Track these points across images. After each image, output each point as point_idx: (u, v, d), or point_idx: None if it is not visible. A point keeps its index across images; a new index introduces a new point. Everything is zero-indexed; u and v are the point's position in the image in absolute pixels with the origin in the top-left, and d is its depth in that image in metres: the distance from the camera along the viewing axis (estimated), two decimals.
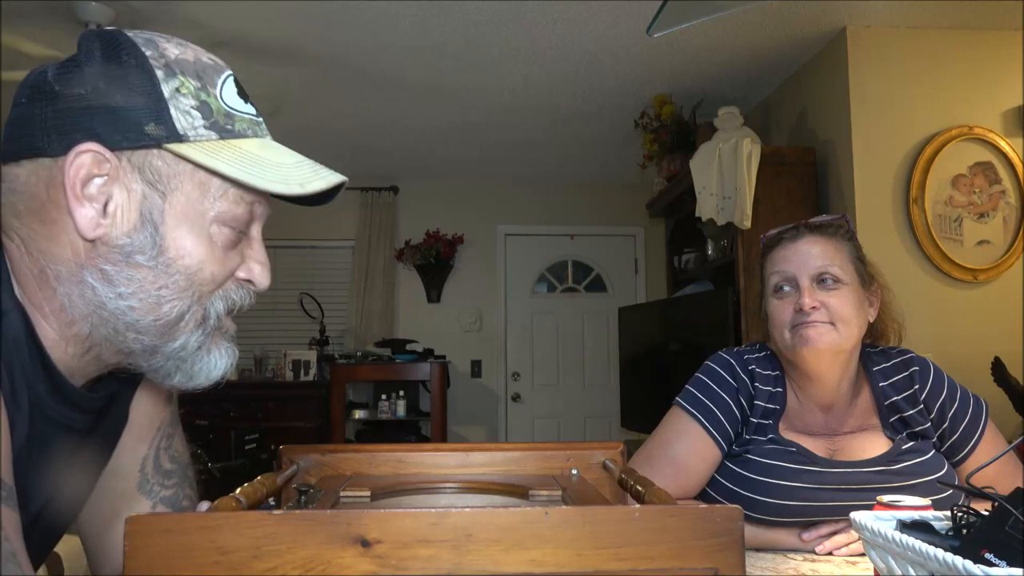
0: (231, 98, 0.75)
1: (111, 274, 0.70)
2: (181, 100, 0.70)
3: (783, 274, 1.28)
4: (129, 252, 0.70)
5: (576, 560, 0.53)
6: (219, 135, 0.72)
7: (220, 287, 0.75)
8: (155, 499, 0.90)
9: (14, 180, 0.71)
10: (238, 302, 0.77)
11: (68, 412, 0.75)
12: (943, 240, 2.93)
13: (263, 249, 0.79)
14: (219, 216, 0.73)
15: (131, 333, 0.72)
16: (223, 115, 0.73)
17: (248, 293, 0.78)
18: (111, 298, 0.70)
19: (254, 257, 0.78)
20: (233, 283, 0.77)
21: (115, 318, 0.71)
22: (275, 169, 0.72)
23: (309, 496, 0.77)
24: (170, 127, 0.70)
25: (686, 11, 1.62)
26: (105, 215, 0.69)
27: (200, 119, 0.71)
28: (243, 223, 0.75)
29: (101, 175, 0.69)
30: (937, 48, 3.01)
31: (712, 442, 1.28)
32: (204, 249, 0.72)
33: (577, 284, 5.45)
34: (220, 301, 0.75)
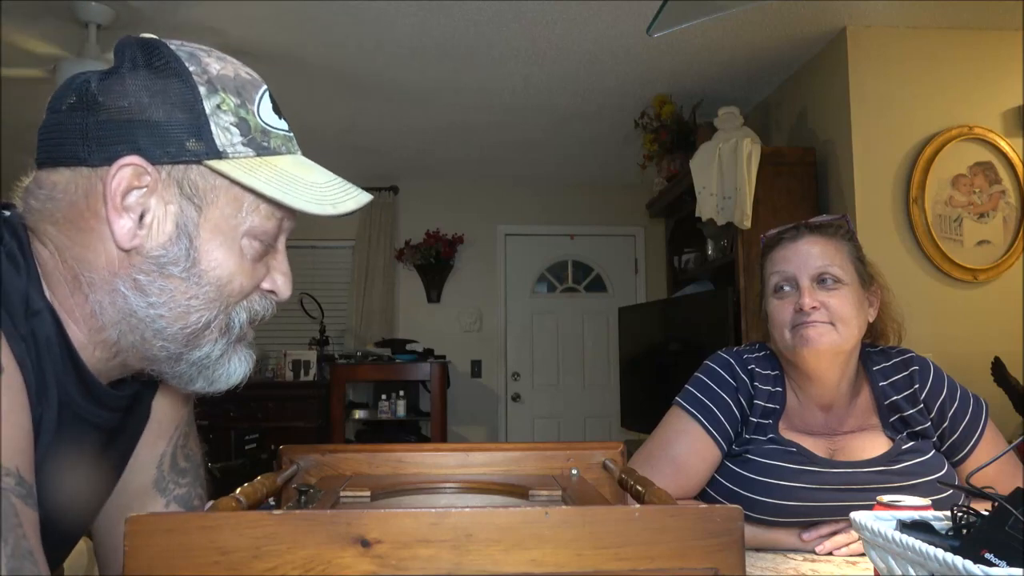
0: (267, 114, 0.76)
1: (144, 284, 0.72)
2: (222, 117, 0.72)
3: (783, 274, 1.28)
4: (164, 263, 0.72)
5: (576, 560, 0.53)
6: (256, 152, 0.74)
7: (246, 298, 0.77)
8: (169, 497, 0.91)
9: (52, 187, 0.72)
10: (260, 312, 0.79)
11: (97, 410, 0.76)
12: (943, 240, 2.93)
13: (287, 260, 0.81)
14: (251, 230, 0.75)
15: (158, 341, 0.73)
16: (260, 132, 0.75)
17: (270, 303, 0.80)
18: (142, 307, 0.72)
19: (278, 268, 0.80)
20: (257, 293, 0.78)
21: (144, 326, 0.73)
22: (309, 188, 0.75)
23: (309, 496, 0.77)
24: (210, 143, 0.71)
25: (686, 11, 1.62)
26: (141, 226, 0.71)
27: (238, 136, 0.73)
28: (272, 237, 0.77)
29: (140, 187, 0.70)
30: (937, 48, 3.01)
31: (712, 442, 1.28)
32: (235, 261, 0.75)
33: (577, 284, 5.45)
34: (244, 312, 0.77)
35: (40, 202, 0.72)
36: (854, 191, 2.94)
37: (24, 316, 0.69)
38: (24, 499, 0.62)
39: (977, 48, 3.02)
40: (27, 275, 0.70)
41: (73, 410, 0.73)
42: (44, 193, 0.72)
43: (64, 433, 0.72)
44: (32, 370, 0.67)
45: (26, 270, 0.70)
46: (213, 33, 2.94)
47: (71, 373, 0.72)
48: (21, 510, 0.61)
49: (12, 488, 0.61)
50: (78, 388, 0.73)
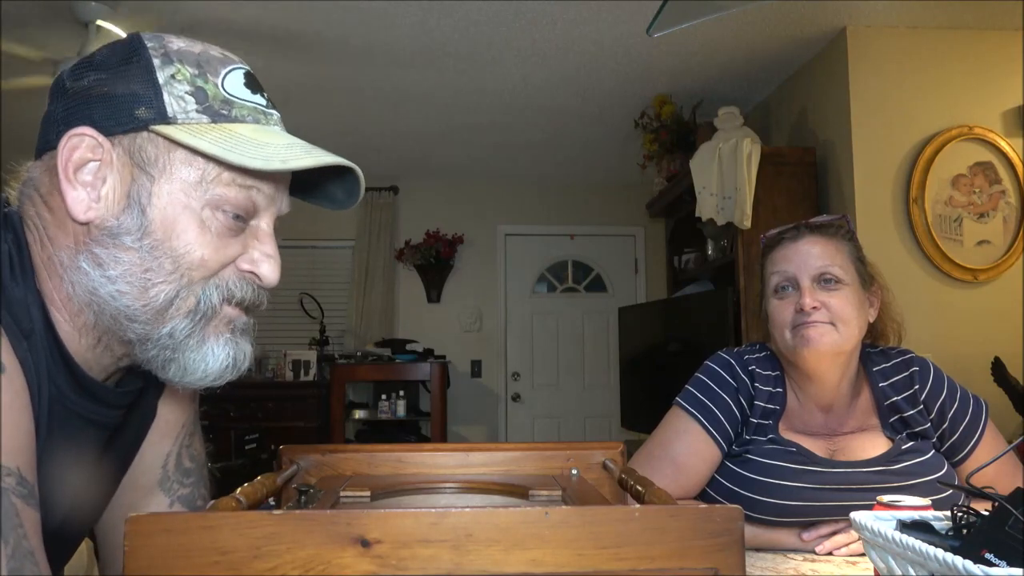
0: (235, 87, 0.75)
1: (102, 257, 0.71)
2: (176, 86, 0.72)
3: (784, 274, 1.28)
4: (117, 234, 0.71)
5: (576, 560, 0.53)
6: (211, 119, 0.72)
7: (215, 275, 0.73)
8: (173, 497, 0.91)
9: (31, 170, 0.75)
10: (238, 294, 0.75)
11: (91, 406, 0.76)
12: (943, 240, 2.93)
13: (273, 243, 0.77)
14: (212, 200, 0.72)
15: (125, 320, 0.72)
16: (220, 101, 0.73)
17: (252, 287, 0.76)
18: (102, 282, 0.71)
19: (259, 248, 0.76)
20: (234, 273, 0.75)
21: (108, 304, 0.71)
22: (260, 147, 0.71)
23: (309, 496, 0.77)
24: (160, 110, 0.71)
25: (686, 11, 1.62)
26: (99, 199, 0.71)
27: (193, 104, 0.72)
28: (241, 209, 0.74)
29: (95, 159, 0.71)
30: (937, 48, 3.01)
31: (712, 442, 1.28)
32: (193, 233, 0.72)
33: (577, 284, 5.45)
34: (214, 289, 0.73)
35: (24, 187, 0.75)
36: (854, 191, 2.94)
37: (27, 313, 0.69)
38: (25, 499, 0.62)
39: (977, 48, 3.02)
40: (22, 270, 0.71)
41: (65, 405, 0.72)
42: (29, 181, 0.75)
43: (57, 430, 0.71)
44: (32, 367, 0.67)
45: (21, 266, 0.71)
46: (212, 33, 2.94)
47: (60, 367, 0.72)
48: (22, 510, 0.61)
49: (13, 488, 0.61)
50: (68, 382, 0.72)
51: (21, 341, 0.67)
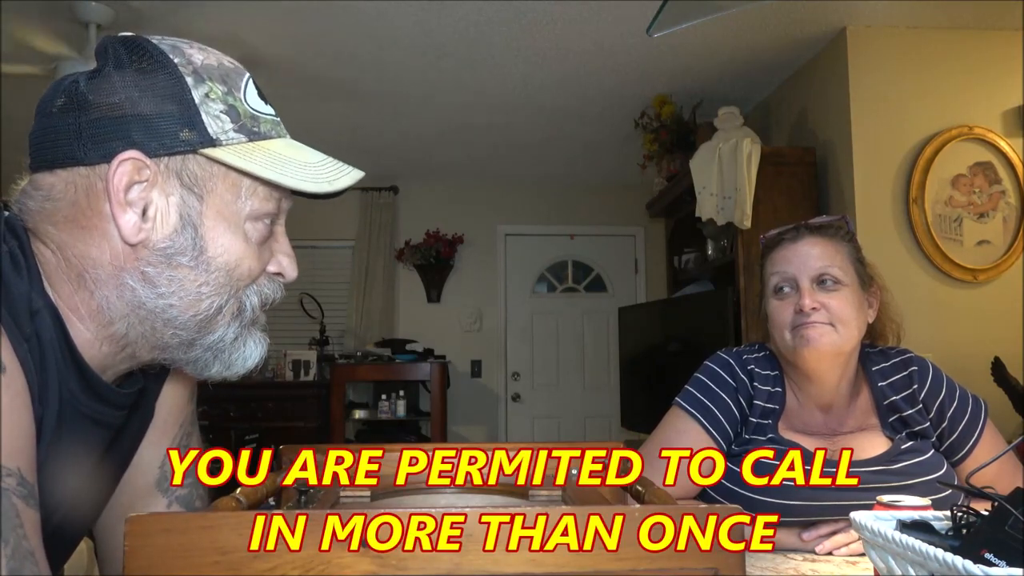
0: (254, 100, 0.78)
1: (152, 276, 0.73)
2: (211, 105, 0.73)
3: (783, 274, 1.28)
4: (171, 254, 0.73)
5: (576, 560, 0.53)
6: (248, 137, 0.75)
7: (255, 281, 0.78)
8: (171, 497, 0.91)
9: (50, 189, 0.73)
10: (271, 295, 0.81)
11: (102, 407, 0.76)
12: (943, 240, 2.93)
13: (288, 242, 0.82)
14: (252, 213, 0.76)
15: (169, 329, 0.75)
16: (249, 118, 0.76)
17: (278, 286, 0.82)
18: (151, 298, 0.73)
19: (281, 250, 0.81)
20: (265, 277, 0.80)
21: (154, 316, 0.74)
22: (303, 168, 0.76)
23: (309, 496, 0.77)
24: (203, 132, 0.72)
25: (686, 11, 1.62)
26: (145, 220, 0.72)
27: (230, 123, 0.74)
28: (272, 219, 0.79)
29: (141, 181, 0.71)
30: (937, 48, 3.01)
31: (712, 442, 1.28)
32: (241, 246, 0.76)
33: (577, 284, 5.45)
34: (255, 295, 0.79)
35: (38, 203, 0.73)
36: (854, 191, 2.94)
37: (28, 316, 0.69)
38: (26, 499, 0.62)
39: (977, 48, 3.02)
40: (28, 275, 0.71)
41: (76, 408, 0.73)
42: (41, 195, 0.73)
43: (66, 432, 0.72)
44: (35, 370, 0.67)
45: (27, 270, 0.71)
46: (212, 33, 2.94)
47: (72, 371, 0.72)
48: (22, 510, 0.61)
49: (13, 488, 0.61)
50: (80, 385, 0.73)
51: (22, 343, 0.67)
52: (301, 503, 0.77)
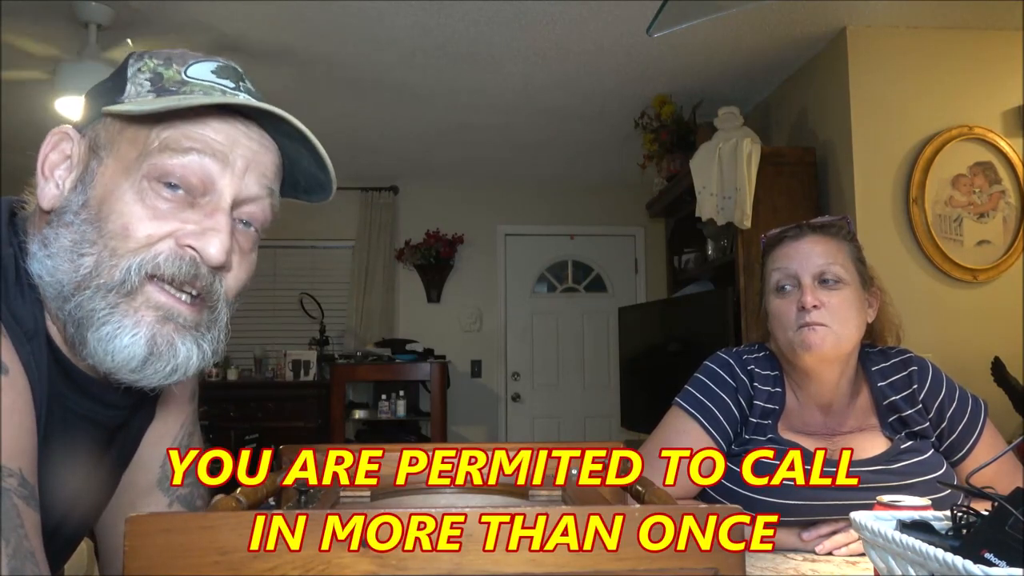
0: (200, 72, 0.74)
1: (47, 237, 0.72)
2: (139, 76, 0.74)
3: (785, 271, 1.28)
4: (62, 213, 0.72)
5: (576, 560, 0.53)
6: (156, 95, 0.72)
7: (145, 248, 0.69)
8: (171, 496, 0.91)
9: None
10: (168, 269, 0.69)
11: (90, 404, 0.75)
12: (943, 240, 2.93)
13: (224, 218, 0.71)
14: (150, 171, 0.69)
15: (60, 302, 0.69)
16: (175, 82, 0.73)
17: (188, 263, 0.70)
18: (45, 263, 0.70)
19: (204, 223, 0.70)
20: (169, 248, 0.69)
21: (51, 286, 0.70)
22: (176, 100, 0.69)
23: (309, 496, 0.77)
24: (117, 98, 0.73)
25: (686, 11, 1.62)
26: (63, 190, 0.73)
27: (147, 87, 0.73)
28: (178, 179, 0.69)
29: (68, 156, 0.74)
30: (937, 48, 3.01)
31: (711, 442, 1.28)
32: (126, 204, 0.69)
33: (577, 284, 5.45)
34: (137, 262, 0.68)
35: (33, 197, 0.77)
36: (854, 191, 2.94)
37: (31, 318, 0.69)
38: (27, 500, 0.62)
39: (977, 48, 3.02)
40: (27, 272, 0.71)
41: (64, 405, 0.72)
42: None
43: (56, 429, 0.71)
44: (35, 370, 0.67)
45: (26, 270, 0.71)
46: (212, 33, 2.94)
47: (55, 365, 0.71)
48: (23, 511, 0.61)
49: (15, 489, 0.61)
50: (65, 381, 0.72)
51: (24, 343, 0.67)
52: (301, 503, 0.77)
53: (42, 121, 3.56)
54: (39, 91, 3.31)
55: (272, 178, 0.76)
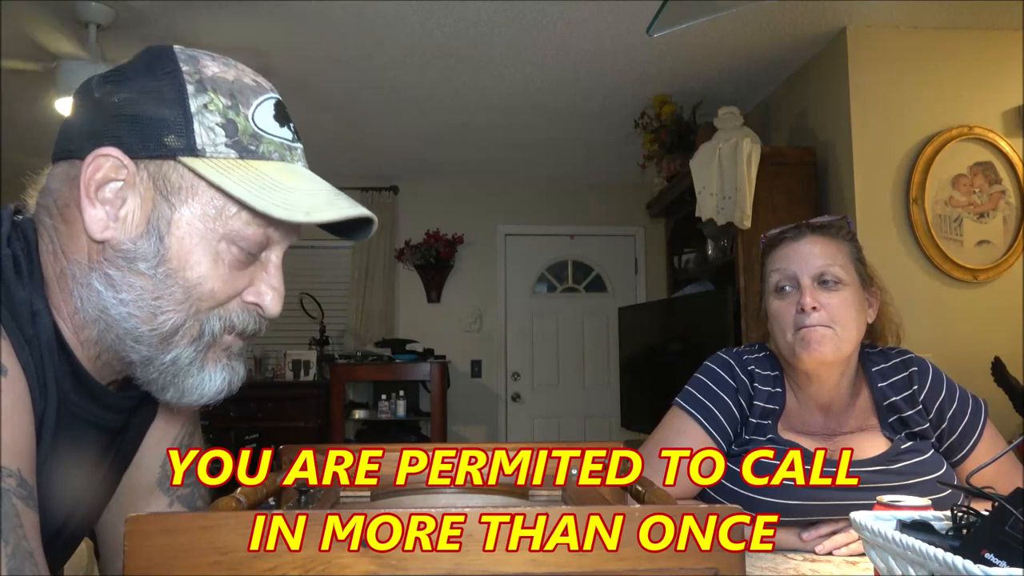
0: (264, 120, 0.74)
1: (115, 279, 0.70)
2: (207, 116, 0.71)
3: (784, 272, 1.28)
4: (132, 258, 0.70)
5: (576, 560, 0.53)
6: (239, 154, 0.71)
7: (221, 306, 0.74)
8: (172, 496, 0.91)
9: (50, 179, 0.74)
10: (238, 325, 0.76)
11: (98, 411, 0.76)
12: (943, 240, 2.93)
13: (279, 275, 0.78)
14: (228, 235, 0.72)
15: (130, 341, 0.72)
16: (249, 135, 0.72)
17: (254, 318, 0.77)
18: (113, 303, 0.71)
19: (266, 281, 0.77)
20: (238, 305, 0.75)
21: (117, 324, 0.71)
22: (284, 193, 0.71)
23: (309, 496, 0.77)
24: (189, 141, 0.70)
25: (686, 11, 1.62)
26: (117, 219, 0.70)
27: (223, 136, 0.71)
28: (255, 246, 0.74)
29: (118, 180, 0.70)
30: (937, 48, 3.01)
31: (712, 442, 1.28)
32: (207, 265, 0.72)
33: (577, 284, 5.45)
34: (217, 319, 0.74)
35: (42, 196, 0.75)
36: (854, 191, 2.94)
37: (29, 318, 0.69)
38: (25, 500, 0.62)
39: (977, 48, 3.02)
40: (30, 276, 0.71)
41: (71, 410, 0.72)
42: (44, 187, 0.75)
43: (63, 434, 0.72)
44: (35, 372, 0.67)
45: (29, 271, 0.71)
46: (212, 33, 2.95)
47: (67, 372, 0.72)
48: (22, 511, 0.61)
49: (14, 489, 0.61)
50: (75, 387, 0.73)
51: (24, 345, 0.67)
52: (301, 503, 0.77)
53: (43, 121, 3.57)
54: (39, 91, 3.31)
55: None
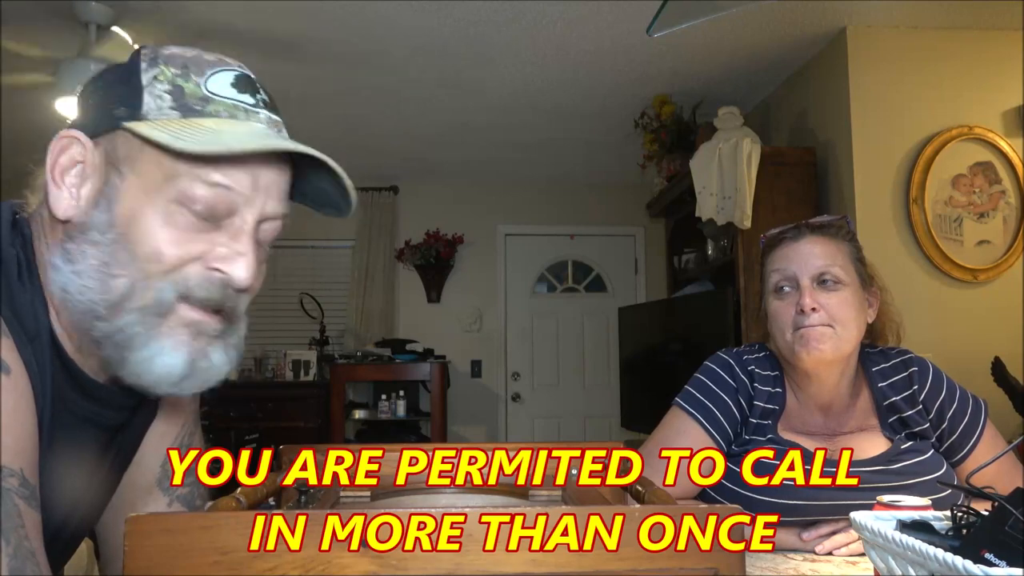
0: (219, 86, 0.73)
1: (71, 252, 0.71)
2: (156, 86, 0.72)
3: (784, 272, 1.28)
4: (86, 229, 0.71)
5: (576, 560, 0.53)
6: (182, 114, 0.71)
7: (175, 271, 0.70)
8: (172, 496, 0.91)
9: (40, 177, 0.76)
10: (199, 293, 0.71)
11: (92, 407, 0.76)
12: (943, 240, 2.93)
13: (248, 241, 0.73)
14: (179, 196, 0.70)
15: (90, 318, 0.70)
16: (197, 98, 0.72)
17: (219, 287, 0.72)
18: (71, 278, 0.71)
19: (231, 246, 0.72)
20: (199, 272, 0.71)
21: (76, 301, 0.70)
22: (212, 135, 0.69)
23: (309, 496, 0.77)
24: (136, 110, 0.71)
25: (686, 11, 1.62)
26: (78, 198, 0.72)
27: (169, 101, 0.71)
28: (210, 209, 0.70)
29: (81, 161, 0.73)
30: (937, 48, 3.01)
31: (712, 442, 1.28)
32: (155, 226, 0.70)
33: (577, 284, 5.45)
34: (171, 286, 0.70)
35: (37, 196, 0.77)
36: (854, 191, 2.94)
37: (32, 318, 0.69)
38: (27, 500, 0.62)
39: (977, 48, 3.02)
40: (29, 274, 0.71)
41: (66, 406, 0.72)
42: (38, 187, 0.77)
43: (62, 432, 0.72)
44: (36, 370, 0.68)
45: (28, 269, 0.72)
46: (212, 32, 2.94)
47: (60, 367, 0.72)
48: (24, 511, 0.61)
49: (15, 489, 0.61)
50: (69, 383, 0.72)
51: (27, 344, 0.67)
52: (301, 503, 0.77)
53: (43, 122, 3.56)
54: (39, 91, 3.31)
55: (286, 197, 0.78)
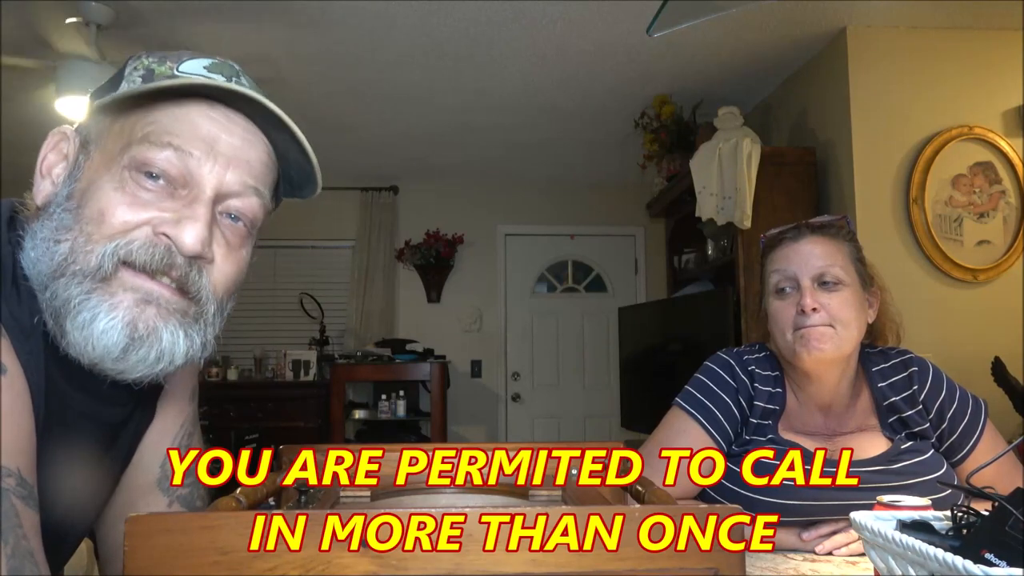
0: (192, 67, 0.74)
1: (35, 230, 0.72)
2: (133, 74, 0.74)
3: (784, 272, 1.28)
4: (49, 206, 0.73)
5: (576, 560, 0.53)
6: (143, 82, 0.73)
7: (121, 234, 0.68)
8: (171, 496, 0.91)
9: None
10: (140, 256, 0.68)
11: (89, 401, 0.75)
12: (943, 240, 2.93)
13: (203, 209, 0.71)
14: (133, 162, 0.70)
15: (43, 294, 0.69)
16: (166, 76, 0.73)
17: (162, 250, 0.69)
18: (29, 257, 0.71)
19: (182, 212, 0.70)
20: (145, 236, 0.69)
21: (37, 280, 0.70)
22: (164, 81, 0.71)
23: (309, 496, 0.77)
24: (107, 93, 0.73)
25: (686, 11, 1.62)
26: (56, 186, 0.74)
27: (139, 83, 0.73)
28: (159, 170, 0.70)
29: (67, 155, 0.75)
30: (937, 48, 3.01)
31: (712, 442, 1.28)
32: (106, 192, 0.69)
33: (577, 284, 5.45)
34: (112, 248, 0.67)
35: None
36: (854, 191, 2.94)
37: (30, 316, 0.69)
38: (25, 500, 0.62)
39: (977, 48, 3.02)
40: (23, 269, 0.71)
41: (62, 401, 0.72)
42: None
43: (55, 426, 0.71)
44: (34, 369, 0.67)
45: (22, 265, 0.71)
46: (211, 32, 2.94)
47: (53, 360, 0.71)
48: (22, 511, 0.61)
49: (13, 489, 0.61)
50: (65, 378, 0.72)
51: (24, 342, 0.67)
52: (301, 503, 0.77)
53: (43, 121, 3.57)
54: (39, 92, 3.31)
55: (260, 173, 0.76)
